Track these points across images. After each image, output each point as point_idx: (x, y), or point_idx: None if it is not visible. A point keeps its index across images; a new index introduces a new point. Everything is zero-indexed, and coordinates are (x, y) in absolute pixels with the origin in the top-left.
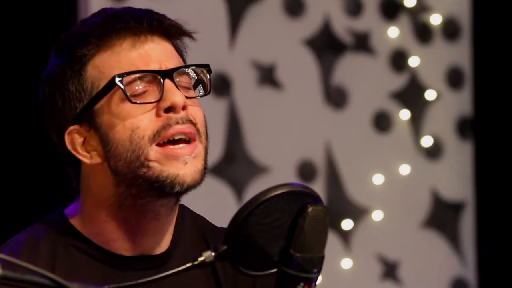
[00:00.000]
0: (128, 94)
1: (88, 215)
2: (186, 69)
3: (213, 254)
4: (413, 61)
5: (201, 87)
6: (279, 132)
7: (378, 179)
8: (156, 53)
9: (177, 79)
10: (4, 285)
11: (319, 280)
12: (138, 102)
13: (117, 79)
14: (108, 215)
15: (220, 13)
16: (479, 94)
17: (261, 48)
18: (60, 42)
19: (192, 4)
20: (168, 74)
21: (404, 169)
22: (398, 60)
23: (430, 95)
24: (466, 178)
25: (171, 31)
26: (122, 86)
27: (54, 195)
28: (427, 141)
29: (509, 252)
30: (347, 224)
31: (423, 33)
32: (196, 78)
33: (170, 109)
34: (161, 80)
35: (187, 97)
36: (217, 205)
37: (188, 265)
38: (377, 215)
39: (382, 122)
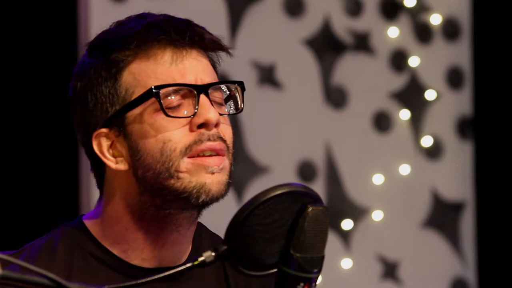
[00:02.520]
0: (163, 106)
1: (109, 220)
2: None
3: (213, 254)
4: (413, 61)
5: (231, 103)
6: (279, 132)
7: (378, 179)
8: (193, 66)
9: (211, 94)
10: (4, 285)
11: (319, 280)
12: (173, 115)
13: (154, 91)
14: (129, 223)
15: (220, 13)
16: (479, 94)
17: (261, 48)
18: (96, 42)
19: (192, 4)
20: (204, 89)
21: (404, 169)
22: (398, 60)
23: (430, 95)
24: (466, 178)
25: (210, 46)
26: (159, 98)
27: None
28: (427, 141)
29: (509, 252)
30: (347, 224)
31: (423, 33)
32: (228, 93)
33: (203, 125)
34: (196, 95)
35: (219, 114)
36: (217, 205)
37: (188, 265)
38: (377, 215)
39: (382, 122)
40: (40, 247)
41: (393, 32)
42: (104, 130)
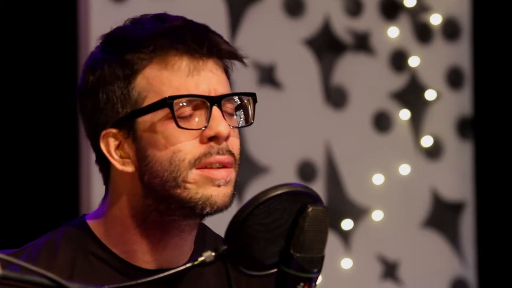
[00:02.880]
0: (175, 116)
1: (112, 221)
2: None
3: (213, 254)
4: (413, 61)
5: (242, 113)
6: (279, 132)
7: (378, 179)
8: (208, 78)
9: (223, 105)
10: (4, 285)
11: (319, 280)
12: (184, 127)
13: (168, 101)
14: (132, 225)
15: (220, 13)
16: (479, 94)
17: (261, 48)
18: (111, 37)
19: (192, 4)
20: (217, 101)
21: (404, 169)
22: (398, 60)
23: (430, 95)
24: (466, 178)
25: (226, 56)
26: (172, 109)
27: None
28: (427, 141)
29: (509, 252)
30: (347, 224)
31: (423, 33)
32: (239, 103)
33: (213, 138)
34: (209, 107)
35: (230, 126)
36: None
37: (189, 265)
38: (377, 215)
39: (382, 122)
40: (42, 246)
41: (393, 32)
42: (113, 130)
